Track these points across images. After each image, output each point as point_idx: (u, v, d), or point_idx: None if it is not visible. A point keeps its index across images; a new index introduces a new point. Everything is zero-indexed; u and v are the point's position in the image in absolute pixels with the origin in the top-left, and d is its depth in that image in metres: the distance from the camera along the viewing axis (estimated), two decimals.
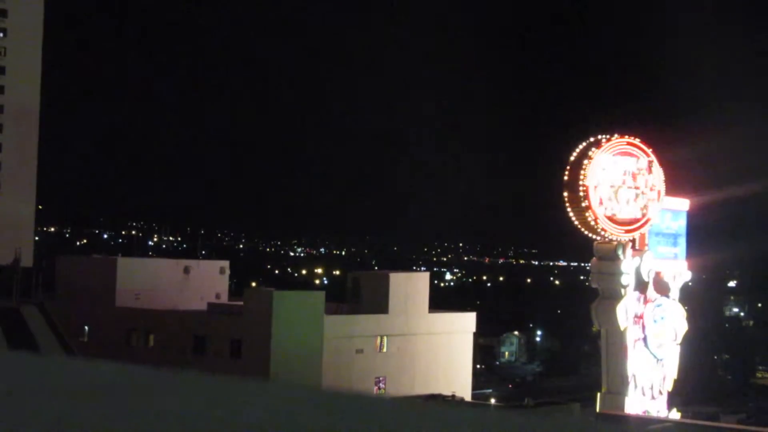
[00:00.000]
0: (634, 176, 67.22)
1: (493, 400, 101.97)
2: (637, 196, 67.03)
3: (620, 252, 66.27)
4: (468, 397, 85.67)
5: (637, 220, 66.91)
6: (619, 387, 67.46)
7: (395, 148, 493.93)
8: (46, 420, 4.02)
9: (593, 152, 66.46)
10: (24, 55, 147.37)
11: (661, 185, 67.15)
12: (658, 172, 67.24)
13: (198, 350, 76.01)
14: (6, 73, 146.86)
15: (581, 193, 66.22)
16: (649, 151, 67.28)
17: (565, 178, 66.13)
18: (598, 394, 69.94)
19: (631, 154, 67.36)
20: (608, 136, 66.84)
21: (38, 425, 3.97)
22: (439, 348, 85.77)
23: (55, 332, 71.41)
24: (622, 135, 67.43)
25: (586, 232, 66.02)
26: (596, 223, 66.02)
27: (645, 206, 66.98)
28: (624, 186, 66.68)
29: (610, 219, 66.46)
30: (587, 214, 66.27)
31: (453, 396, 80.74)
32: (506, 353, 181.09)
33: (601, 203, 66.41)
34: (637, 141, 67.44)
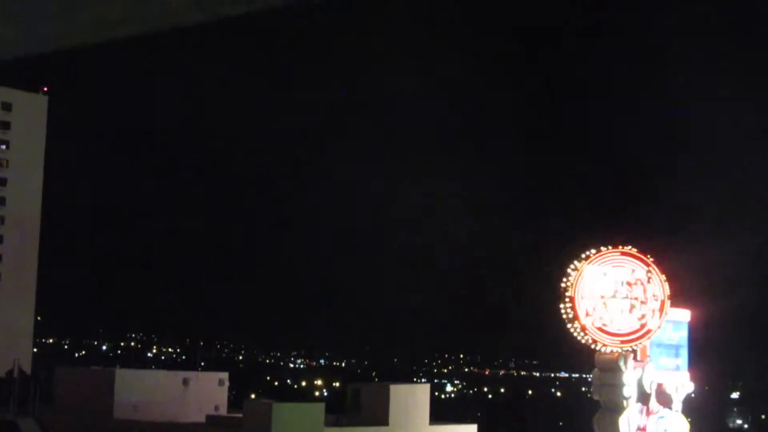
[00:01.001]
0: (630, 286, 67.14)
1: None
2: (632, 306, 66.81)
3: (622, 363, 65.93)
4: None
5: (635, 331, 66.60)
6: None
7: (393, 257, 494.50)
8: None
9: (581, 265, 66.62)
10: (26, 168, 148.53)
11: (662, 295, 66.97)
12: (659, 281, 67.08)
13: None
14: (8, 186, 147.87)
15: (568, 304, 66.29)
16: (649, 260, 67.23)
17: (561, 288, 66.32)
18: None
19: (625, 265, 67.36)
20: (598, 249, 66.95)
21: None
22: None
23: None
24: (615, 246, 67.55)
25: (583, 341, 65.86)
26: (585, 333, 65.86)
27: (643, 316, 66.73)
28: (617, 296, 66.56)
29: (600, 330, 66.22)
30: (575, 325, 66.22)
31: None
32: None
33: (587, 314, 66.29)
34: (633, 251, 67.43)
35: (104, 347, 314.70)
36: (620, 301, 66.65)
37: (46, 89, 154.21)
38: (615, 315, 66.42)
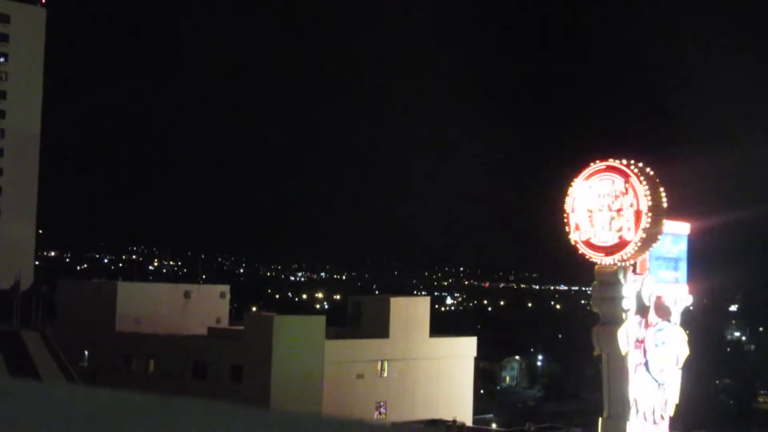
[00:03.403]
0: (611, 198, 66.94)
1: (494, 425, 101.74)
2: (612, 218, 66.64)
3: (621, 276, 66.09)
4: (469, 422, 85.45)
5: (615, 244, 66.48)
6: (620, 412, 67.22)
7: (395, 171, 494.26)
8: None
9: (574, 180, 66.61)
10: (25, 80, 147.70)
11: (639, 206, 66.38)
12: (636, 192, 66.51)
13: (198, 375, 75.89)
14: (7, 98, 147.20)
15: (564, 219, 66.57)
16: (629, 171, 66.67)
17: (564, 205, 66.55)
18: (600, 419, 69.70)
19: (609, 178, 67.02)
20: (588, 164, 66.80)
21: None
22: (440, 373, 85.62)
23: (55, 357, 71.27)
24: (603, 159, 67.28)
25: (584, 254, 66.13)
26: (576, 248, 66.11)
27: (620, 228, 66.47)
28: (603, 210, 66.45)
29: (586, 243, 66.30)
30: (570, 239, 66.49)
31: (454, 421, 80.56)
32: (507, 378, 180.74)
33: (577, 228, 66.37)
34: (617, 163, 66.91)
35: (106, 260, 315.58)
36: (604, 213, 66.58)
37: (43, 1, 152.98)
38: (598, 228, 66.47)
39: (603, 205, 66.75)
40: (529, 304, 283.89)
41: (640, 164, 66.73)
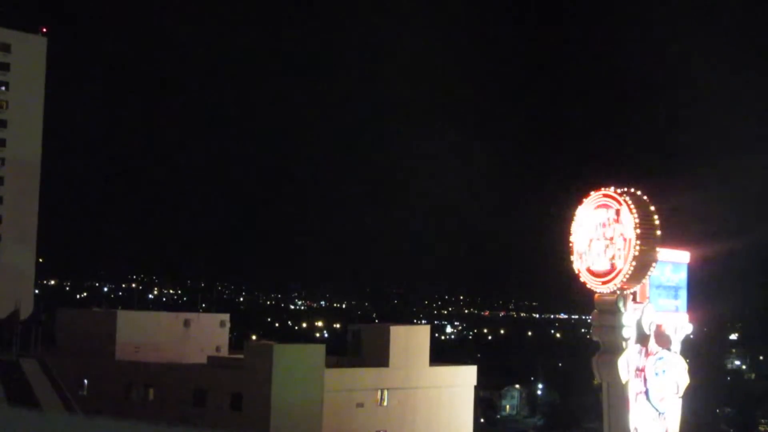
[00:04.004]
0: (604, 227, 67.23)
1: None
2: (606, 246, 66.93)
3: (621, 305, 66.06)
4: None
5: (608, 272, 66.70)
6: None
7: (394, 200, 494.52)
8: None
9: (576, 208, 66.92)
10: (26, 109, 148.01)
11: (631, 233, 66.52)
12: (628, 220, 66.70)
13: (198, 404, 75.69)
14: (8, 127, 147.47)
15: (569, 248, 66.84)
16: (621, 199, 66.97)
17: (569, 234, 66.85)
18: None
19: (605, 206, 67.31)
20: (587, 192, 67.11)
21: None
22: (440, 401, 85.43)
23: (54, 386, 71.11)
24: (598, 189, 67.50)
25: (585, 282, 66.23)
26: (579, 276, 66.29)
27: (613, 256, 66.72)
28: (600, 239, 66.75)
29: (588, 271, 66.51)
30: (573, 267, 66.66)
31: None
32: (507, 407, 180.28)
33: (580, 257, 66.62)
34: (611, 191, 67.22)
35: (105, 289, 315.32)
36: (600, 242, 66.84)
37: (45, 30, 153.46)
38: (595, 256, 66.68)
39: (600, 234, 66.94)
40: (529, 333, 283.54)
41: (636, 192, 66.83)
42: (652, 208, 66.76)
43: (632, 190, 67.14)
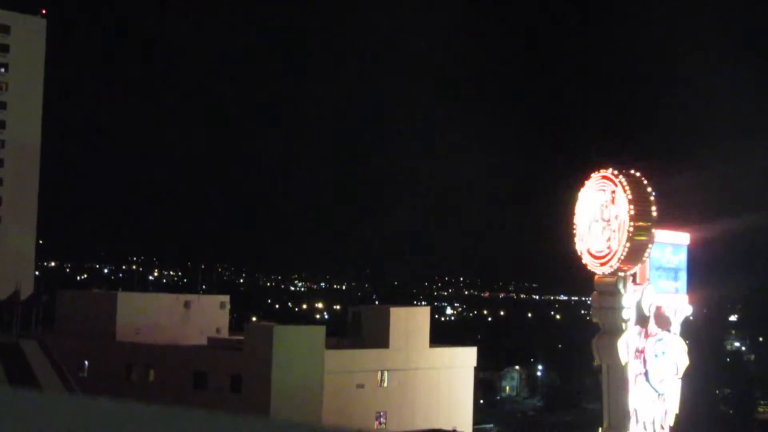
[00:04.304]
0: (602, 208, 67.32)
1: None
2: (603, 228, 67.06)
3: (621, 286, 66.10)
4: None
5: (606, 254, 66.89)
6: (620, 422, 67.19)
7: (394, 180, 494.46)
8: None
9: (578, 190, 66.98)
10: (25, 91, 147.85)
11: (624, 215, 66.59)
12: (622, 201, 66.74)
13: (198, 385, 75.80)
14: (7, 108, 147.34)
15: (572, 230, 66.97)
16: (617, 180, 66.95)
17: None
18: (600, 429, 69.69)
19: (603, 188, 67.35)
20: (588, 174, 67.19)
21: None
22: (440, 383, 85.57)
23: (55, 367, 71.22)
24: (598, 169, 67.48)
25: (586, 264, 66.34)
26: (581, 257, 66.44)
27: (609, 238, 66.85)
28: (598, 220, 66.85)
29: (588, 252, 66.69)
30: (576, 248, 66.79)
31: (454, 431, 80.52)
32: (507, 388, 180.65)
33: (582, 239, 66.76)
34: (608, 173, 67.19)
35: (106, 270, 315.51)
36: (599, 223, 66.97)
37: (44, 11, 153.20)
38: (595, 238, 66.86)
39: (599, 215, 67.02)
40: (529, 314, 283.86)
41: (634, 173, 66.80)
42: (649, 189, 66.70)
43: (631, 171, 67.12)
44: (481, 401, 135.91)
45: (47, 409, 5.20)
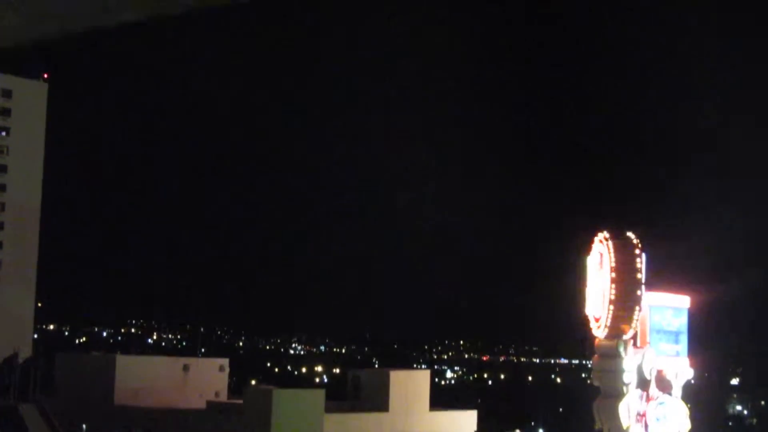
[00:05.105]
0: (596, 273, 67.62)
1: None
2: (597, 292, 67.43)
3: (621, 349, 66.01)
4: None
5: (600, 317, 67.17)
6: None
7: (394, 244, 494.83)
8: None
9: (587, 254, 67.40)
10: (26, 154, 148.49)
11: (606, 278, 66.84)
12: (607, 262, 66.97)
13: None
14: (8, 172, 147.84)
15: (583, 295, 67.41)
16: (605, 244, 67.13)
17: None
18: None
19: (598, 252, 67.63)
20: (591, 239, 67.53)
21: None
22: None
23: (53, 431, 70.84)
24: (600, 230, 67.79)
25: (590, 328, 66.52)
26: (588, 321, 66.82)
27: (603, 302, 67.14)
28: (596, 284, 67.24)
29: (592, 316, 66.99)
30: (586, 313, 67.07)
31: None
32: None
33: (589, 303, 67.30)
34: (601, 236, 67.47)
35: (104, 334, 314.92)
36: (597, 287, 67.34)
37: (46, 76, 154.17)
38: (593, 301, 67.25)
39: (595, 279, 67.24)
40: (530, 378, 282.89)
41: (627, 236, 66.95)
42: (637, 251, 66.70)
43: (627, 234, 67.24)
44: None
45: None
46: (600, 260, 66.64)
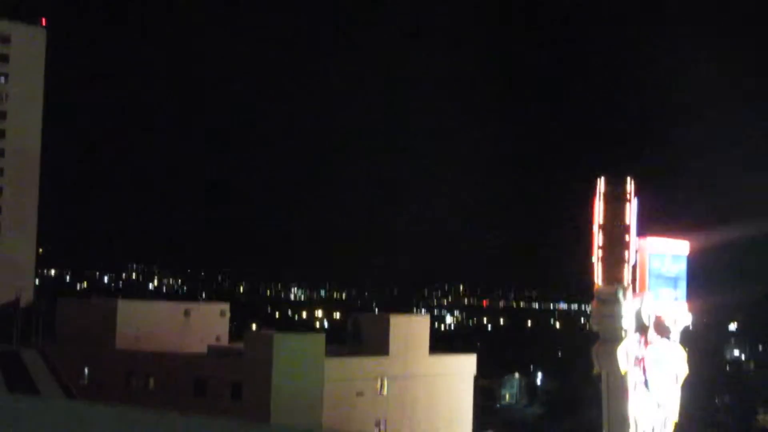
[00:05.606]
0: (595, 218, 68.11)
1: None
2: (594, 237, 68.00)
3: (620, 295, 66.25)
4: None
5: (595, 263, 67.70)
6: (620, 430, 67.29)
7: (395, 189, 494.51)
8: None
9: (593, 201, 67.67)
10: (25, 100, 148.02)
11: (597, 222, 67.37)
12: (597, 209, 67.50)
13: (198, 393, 75.78)
14: (7, 118, 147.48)
15: (590, 240, 67.76)
16: (597, 189, 67.61)
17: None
18: None
19: (595, 198, 68.11)
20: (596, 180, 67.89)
21: None
22: (440, 390, 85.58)
23: (55, 375, 71.22)
24: (597, 179, 68.09)
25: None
26: (593, 267, 67.20)
27: (597, 247, 67.63)
28: (596, 229, 67.70)
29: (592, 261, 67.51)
30: (592, 259, 67.52)
31: None
32: (507, 395, 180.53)
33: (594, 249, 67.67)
34: (600, 182, 67.79)
35: (106, 279, 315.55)
36: (597, 232, 67.81)
37: (44, 21, 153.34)
38: (594, 247, 67.74)
39: (598, 224, 67.53)
40: (529, 323, 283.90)
41: (625, 182, 67.14)
42: (628, 197, 66.94)
43: (625, 180, 67.43)
44: (481, 408, 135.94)
45: (47, 414, 5.29)
46: (594, 205, 66.98)
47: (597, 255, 66.35)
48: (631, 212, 66.91)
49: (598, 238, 66.36)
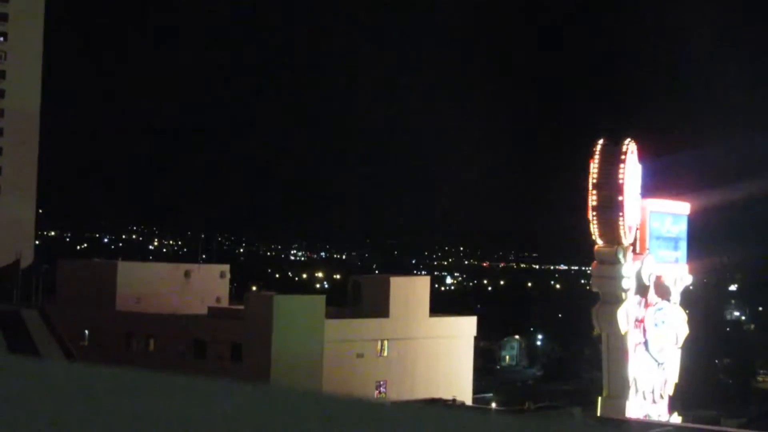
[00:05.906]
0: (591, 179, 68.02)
1: (493, 404, 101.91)
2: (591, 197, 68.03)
3: (621, 256, 66.23)
4: (468, 401, 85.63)
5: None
6: (620, 391, 67.47)
7: (395, 150, 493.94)
8: (44, 424, 4.00)
9: (590, 162, 67.65)
10: (25, 59, 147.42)
11: (591, 183, 67.27)
12: (592, 169, 67.35)
13: (198, 354, 76.01)
14: (6, 77, 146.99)
15: (589, 202, 67.73)
16: (594, 150, 67.47)
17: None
18: (599, 398, 69.93)
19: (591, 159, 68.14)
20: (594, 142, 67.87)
21: (37, 429, 3.95)
22: (440, 352, 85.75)
23: (55, 336, 71.36)
24: (594, 141, 67.90)
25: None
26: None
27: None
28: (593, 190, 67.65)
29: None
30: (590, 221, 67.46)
31: (453, 400, 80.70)
32: (507, 357, 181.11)
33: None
34: (598, 144, 67.60)
35: (106, 240, 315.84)
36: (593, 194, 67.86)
37: None
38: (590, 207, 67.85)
39: (592, 182, 67.47)
40: (529, 284, 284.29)
41: (624, 142, 66.97)
42: (623, 158, 66.74)
43: (624, 141, 67.25)
44: (481, 370, 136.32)
45: (47, 376, 5.17)
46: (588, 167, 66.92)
47: (591, 215, 66.27)
48: (628, 172, 66.68)
49: (591, 198, 66.22)
